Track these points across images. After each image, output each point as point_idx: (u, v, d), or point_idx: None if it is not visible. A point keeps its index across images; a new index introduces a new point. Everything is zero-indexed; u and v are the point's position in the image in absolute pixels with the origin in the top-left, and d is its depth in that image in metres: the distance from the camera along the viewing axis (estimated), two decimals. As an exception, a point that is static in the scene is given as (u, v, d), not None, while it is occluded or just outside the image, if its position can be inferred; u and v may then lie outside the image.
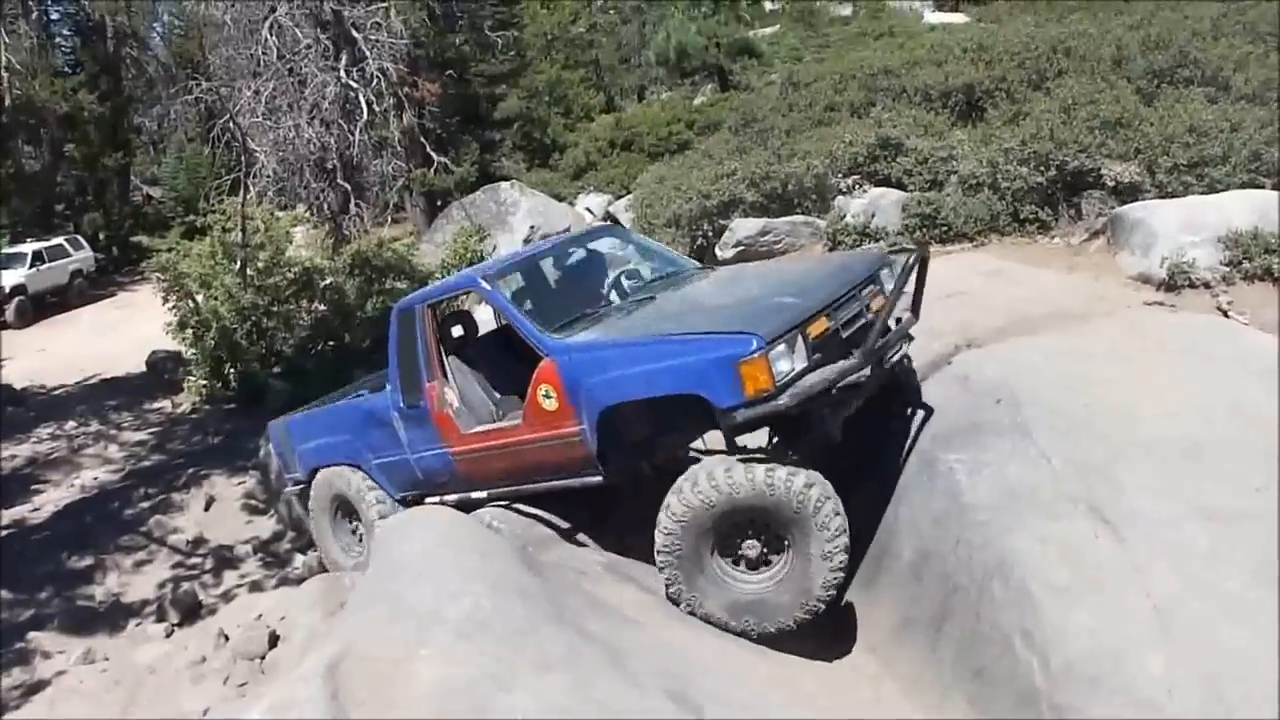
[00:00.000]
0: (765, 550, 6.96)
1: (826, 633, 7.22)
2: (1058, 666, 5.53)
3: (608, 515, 9.10)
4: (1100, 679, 5.32)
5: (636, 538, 8.55)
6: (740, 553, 7.03)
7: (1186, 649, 5.24)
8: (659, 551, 7.14)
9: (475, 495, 9.15)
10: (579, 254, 10.08)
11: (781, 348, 6.71)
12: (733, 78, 39.33)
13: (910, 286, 7.77)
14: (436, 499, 9.50)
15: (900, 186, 16.21)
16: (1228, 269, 11.62)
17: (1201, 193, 13.16)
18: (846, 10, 50.68)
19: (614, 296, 9.26)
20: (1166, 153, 13.89)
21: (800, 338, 6.86)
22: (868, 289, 7.84)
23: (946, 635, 6.50)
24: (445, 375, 9.00)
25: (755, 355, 6.56)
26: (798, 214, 16.38)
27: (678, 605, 7.27)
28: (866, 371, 7.07)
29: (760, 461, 6.86)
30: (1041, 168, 14.42)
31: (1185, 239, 11.82)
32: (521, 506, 9.14)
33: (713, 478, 6.83)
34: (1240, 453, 6.43)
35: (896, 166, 16.52)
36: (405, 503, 9.87)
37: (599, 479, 7.97)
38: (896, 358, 7.87)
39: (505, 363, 9.16)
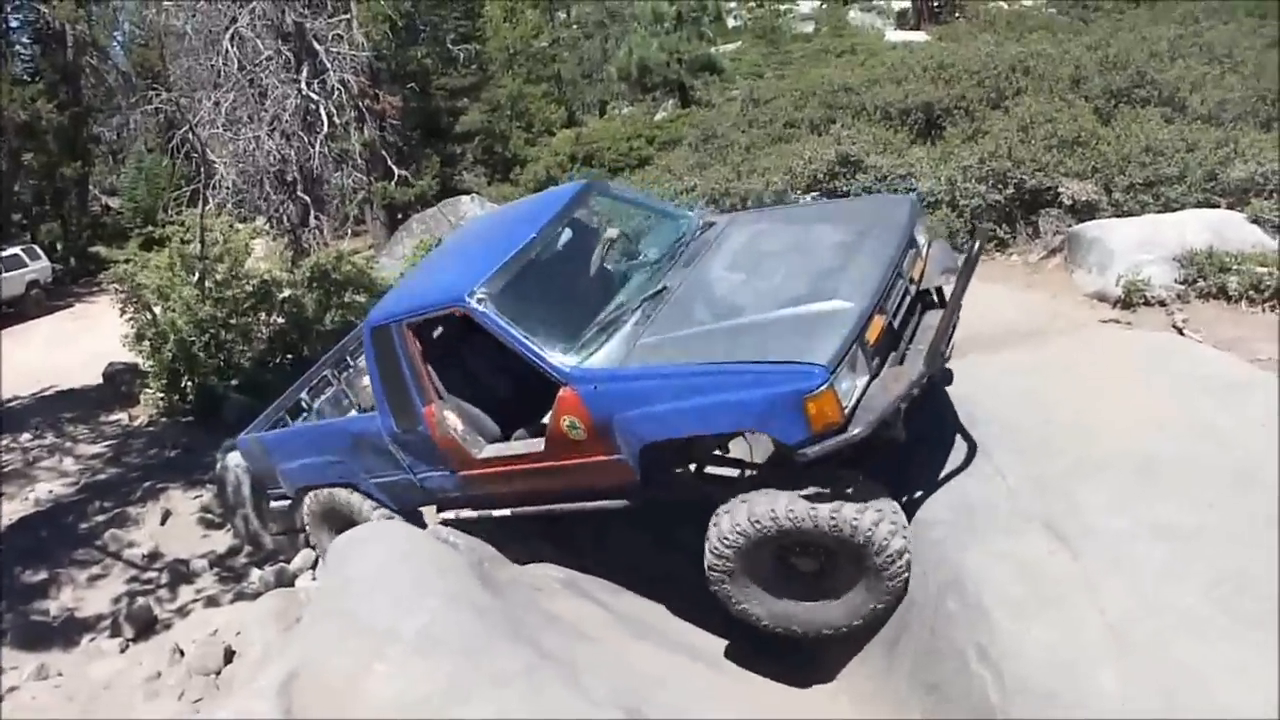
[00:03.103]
0: (820, 567, 6.63)
1: (784, 650, 7.21)
2: (1012, 682, 5.53)
3: (569, 533, 9.03)
4: (1055, 694, 5.33)
5: (597, 554, 8.56)
6: (793, 566, 6.68)
7: (1141, 665, 5.24)
8: (709, 569, 6.77)
9: (497, 514, 8.45)
10: (565, 234, 8.93)
11: (844, 368, 6.16)
12: (694, 93, 39.55)
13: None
14: (451, 513, 8.90)
15: (859, 203, 16.28)
16: (1183, 287, 11.74)
17: (1157, 211, 13.31)
18: (809, 28, 51.05)
19: (616, 279, 8.52)
20: (1123, 172, 14.04)
21: (860, 350, 6.34)
22: (907, 255, 7.31)
23: (902, 651, 6.50)
24: (441, 396, 8.15)
25: (821, 389, 6.00)
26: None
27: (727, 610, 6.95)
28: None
29: (822, 498, 6.31)
30: (999, 186, 14.53)
31: (1141, 257, 11.94)
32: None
33: (773, 511, 6.36)
34: (1194, 469, 6.46)
35: (855, 183, 16.53)
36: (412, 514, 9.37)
37: (625, 503, 7.42)
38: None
39: (496, 359, 8.40)
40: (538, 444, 7.60)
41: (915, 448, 7.10)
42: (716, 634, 7.67)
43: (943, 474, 7.06)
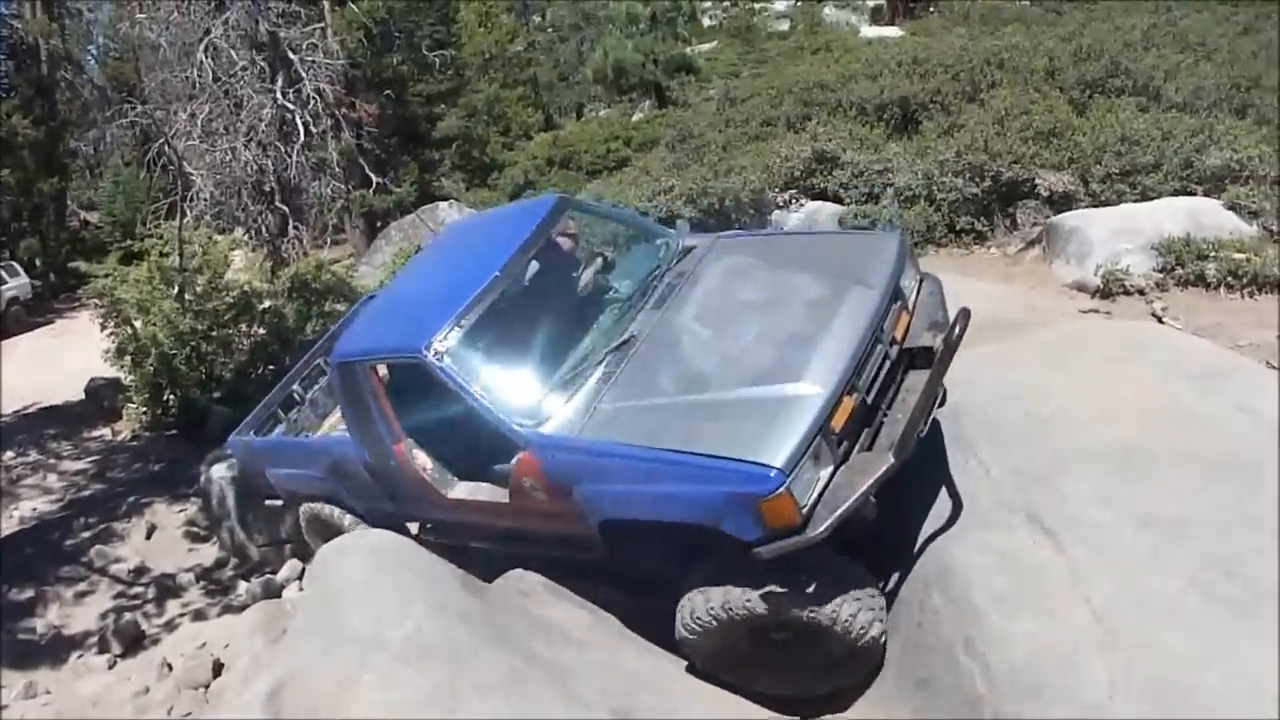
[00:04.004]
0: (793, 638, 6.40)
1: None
2: (1000, 674, 5.54)
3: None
4: (1043, 685, 5.34)
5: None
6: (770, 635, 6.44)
7: (1127, 654, 5.26)
8: (681, 643, 6.70)
9: (475, 545, 8.42)
10: (533, 266, 8.67)
11: (805, 462, 5.85)
12: (670, 94, 39.49)
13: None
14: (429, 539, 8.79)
15: (837, 200, 16.30)
16: (1161, 275, 11.78)
17: (1134, 201, 13.37)
18: (784, 26, 51.03)
19: (584, 315, 8.23)
20: (1099, 162, 14.10)
21: (824, 441, 6.01)
22: (890, 312, 6.93)
23: (889, 646, 6.50)
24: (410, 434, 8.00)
25: (777, 492, 5.71)
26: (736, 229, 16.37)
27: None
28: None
29: (792, 591, 6.08)
30: (976, 179, 14.55)
31: (1119, 246, 11.99)
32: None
33: (729, 604, 6.21)
34: (1177, 457, 6.48)
35: (832, 180, 16.58)
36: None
37: (591, 557, 7.32)
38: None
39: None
40: (503, 493, 7.46)
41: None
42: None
43: (923, 536, 6.83)
